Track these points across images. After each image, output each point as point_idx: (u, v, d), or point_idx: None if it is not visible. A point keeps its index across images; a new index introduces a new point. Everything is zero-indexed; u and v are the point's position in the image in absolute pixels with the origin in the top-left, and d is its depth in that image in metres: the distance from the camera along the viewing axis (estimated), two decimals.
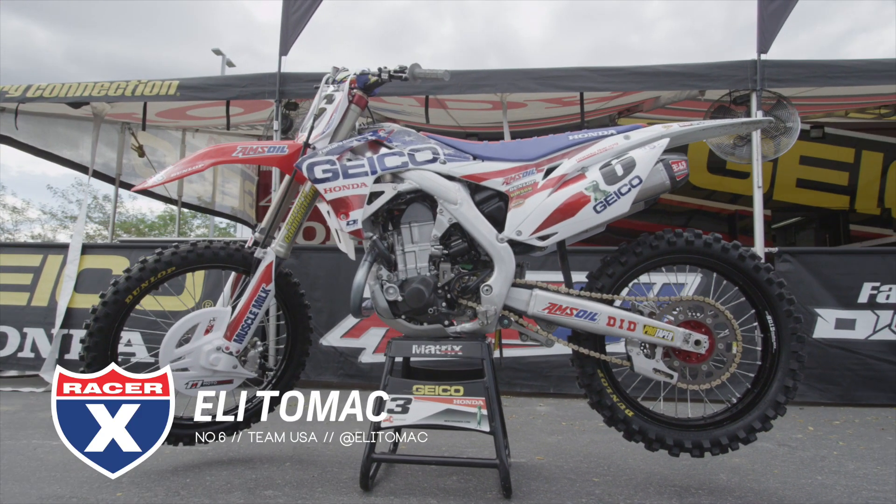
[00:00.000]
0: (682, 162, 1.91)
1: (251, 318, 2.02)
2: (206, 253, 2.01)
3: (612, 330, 1.87)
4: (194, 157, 1.96)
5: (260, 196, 9.25)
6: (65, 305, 4.16)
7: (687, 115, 5.58)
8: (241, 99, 4.30)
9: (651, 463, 2.19)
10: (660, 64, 4.02)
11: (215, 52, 16.85)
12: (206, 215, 17.34)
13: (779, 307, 1.88)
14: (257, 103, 4.89)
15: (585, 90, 4.17)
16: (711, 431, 1.89)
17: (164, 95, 4.27)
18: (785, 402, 1.86)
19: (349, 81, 2.07)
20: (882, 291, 3.70)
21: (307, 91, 4.27)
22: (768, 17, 3.91)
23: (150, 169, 6.95)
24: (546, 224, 1.89)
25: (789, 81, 3.95)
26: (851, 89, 4.16)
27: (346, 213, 1.92)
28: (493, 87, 4.15)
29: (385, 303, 1.95)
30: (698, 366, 1.87)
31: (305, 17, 4.11)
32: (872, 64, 3.84)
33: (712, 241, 1.92)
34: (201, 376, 1.99)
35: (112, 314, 1.90)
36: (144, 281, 1.93)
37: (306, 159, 1.95)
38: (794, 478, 2.04)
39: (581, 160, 1.93)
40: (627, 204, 1.85)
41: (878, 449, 2.48)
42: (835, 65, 3.88)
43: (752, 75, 3.91)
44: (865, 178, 7.43)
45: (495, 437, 1.76)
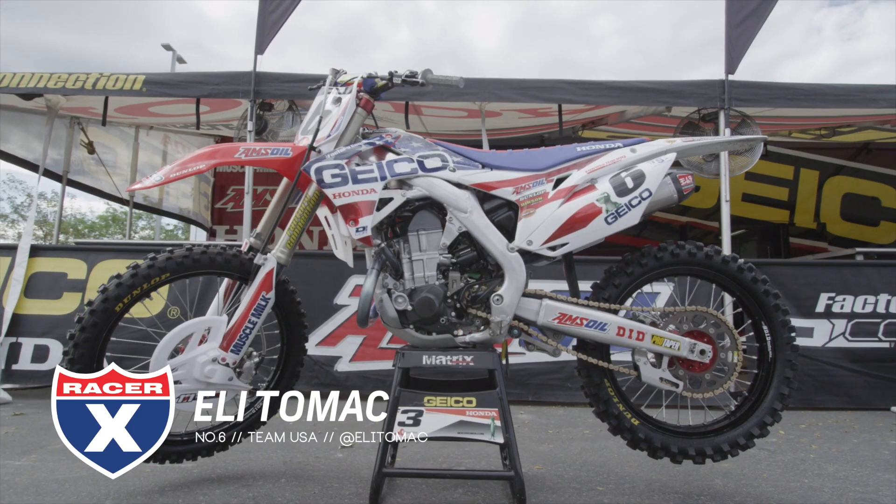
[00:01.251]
0: (689, 176, 1.96)
1: (249, 328, 1.92)
2: (202, 259, 1.90)
3: (621, 340, 1.90)
4: (195, 157, 1.85)
5: (215, 198, 8.93)
6: (11, 311, 3.85)
7: (650, 130, 5.79)
8: (213, 97, 4.14)
9: (647, 470, 2.23)
10: (635, 80, 4.15)
11: (165, 48, 16.14)
12: (151, 216, 16.57)
13: (774, 317, 1.96)
14: (224, 102, 4.72)
15: (564, 102, 4.25)
16: (713, 438, 1.94)
17: (128, 91, 4.04)
18: (781, 408, 1.94)
19: (357, 84, 2.02)
20: (837, 301, 3.94)
21: (282, 92, 4.16)
22: (735, 40, 4.12)
23: (99, 167, 6.58)
24: (557, 234, 1.90)
25: (754, 101, 4.16)
26: (807, 111, 4.43)
27: (356, 220, 1.86)
28: (475, 95, 4.16)
29: (394, 312, 1.90)
30: (702, 375, 1.92)
31: (284, 17, 4.00)
32: (828, 88, 4.11)
33: (713, 254, 1.98)
34: (194, 389, 1.88)
35: (100, 323, 1.77)
36: (136, 288, 1.80)
37: (314, 163, 1.88)
38: (784, 481, 2.12)
39: (590, 171, 1.95)
40: (638, 216, 1.88)
41: (848, 451, 2.63)
42: (795, 88, 4.13)
43: (721, 94, 4.10)
44: (803, 194, 7.93)
45: (510, 448, 1.74)
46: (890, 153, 7.24)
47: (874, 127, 5.56)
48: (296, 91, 4.12)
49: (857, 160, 7.62)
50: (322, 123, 1.97)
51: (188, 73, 4.12)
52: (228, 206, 9.11)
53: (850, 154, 7.48)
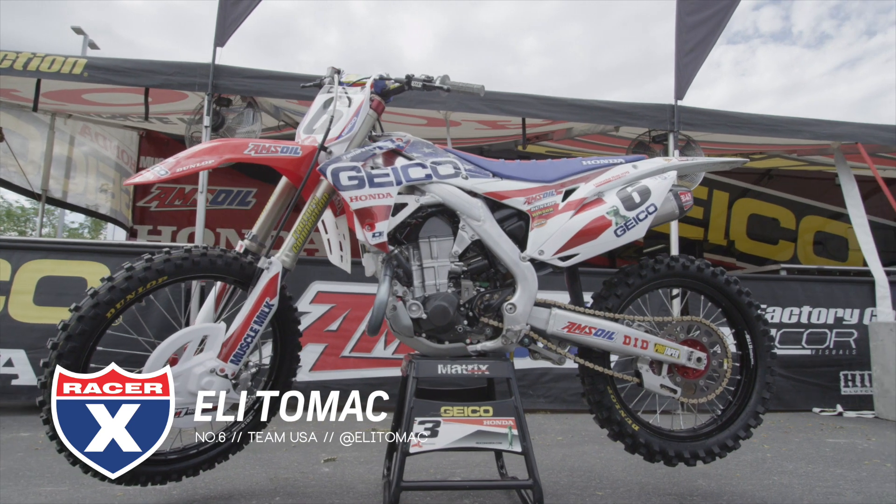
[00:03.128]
0: (689, 193, 2.08)
1: (251, 336, 1.80)
2: (202, 261, 1.75)
3: (626, 349, 1.97)
4: (201, 151, 1.71)
5: (138, 196, 8.30)
6: None
7: (593, 148, 6.08)
8: (165, 88, 3.84)
9: (633, 473, 2.32)
10: (595, 99, 4.35)
11: (75, 31, 14.77)
12: (52, 212, 15.05)
13: (756, 327, 2.12)
14: (168, 93, 4.41)
15: (528, 116, 4.36)
16: (704, 441, 2.06)
17: (66, 74, 3.67)
18: (763, 412, 2.09)
19: (369, 86, 1.97)
20: (767, 312, 4.32)
21: (243, 87, 3.95)
22: (683, 69, 4.43)
23: (8, 156, 5.91)
24: (569, 245, 1.94)
25: (698, 126, 4.49)
26: (742, 138, 4.84)
27: (372, 225, 1.80)
28: (443, 104, 4.18)
29: (409, 321, 1.86)
30: (696, 381, 2.03)
31: (249, 9, 3.81)
32: (762, 118, 4.52)
33: (703, 267, 2.11)
34: (189, 403, 1.73)
35: (89, 331, 1.58)
36: (131, 292, 1.63)
37: (330, 163, 1.81)
38: (757, 479, 2.29)
39: (598, 185, 2.02)
40: (644, 229, 1.97)
41: (796, 450, 2.88)
42: (734, 116, 4.50)
43: (671, 118, 4.39)
44: (715, 213, 8.63)
45: (527, 456, 1.75)
46: (787, 179, 8.10)
47: (781, 155, 6.17)
48: (258, 87, 3.93)
49: (760, 184, 8.44)
50: (333, 123, 1.90)
51: (137, 60, 3.79)
52: (153, 205, 8.49)
53: (755, 178, 8.27)
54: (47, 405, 1.55)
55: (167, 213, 8.40)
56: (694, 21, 4.43)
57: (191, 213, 8.10)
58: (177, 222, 8.32)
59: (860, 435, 3.36)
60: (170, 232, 8.20)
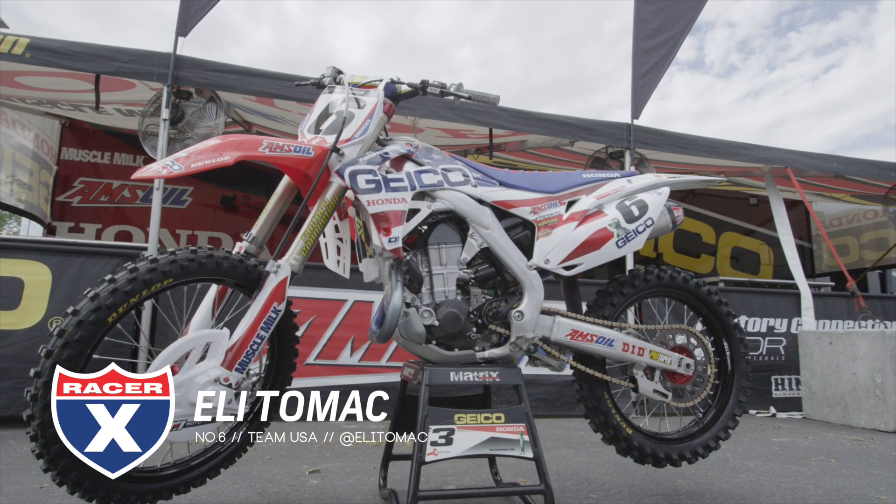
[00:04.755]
0: (680, 209, 2.21)
1: (257, 343, 1.71)
2: (208, 263, 1.65)
3: (624, 355, 2.05)
4: (217, 147, 1.61)
5: (57, 190, 7.63)
6: None
7: (546, 162, 6.27)
8: (119, 76, 3.58)
9: (619, 475, 2.41)
10: (559, 114, 4.50)
11: None
12: None
13: (734, 335, 2.27)
14: (117, 82, 4.11)
15: (495, 126, 4.45)
16: (688, 443, 2.17)
17: (4, 54, 3.33)
18: (740, 414, 2.24)
19: (382, 88, 1.94)
20: None
21: (206, 80, 3.77)
22: (639, 90, 4.68)
23: None
24: (573, 255, 2.00)
25: (651, 145, 4.76)
26: (689, 158, 5.17)
27: (388, 230, 1.78)
28: (413, 111, 4.17)
29: (422, 327, 1.84)
30: (684, 386, 2.15)
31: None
32: (707, 141, 4.86)
33: (688, 278, 2.24)
34: (189, 415, 1.62)
35: (88, 337, 1.44)
36: (135, 295, 1.50)
37: (348, 165, 1.76)
38: (728, 477, 2.45)
39: (599, 198, 2.10)
40: (643, 241, 2.06)
41: (749, 448, 3.10)
42: (683, 137, 4.82)
43: (627, 136, 4.62)
44: None
45: (539, 462, 1.78)
46: (708, 198, 8.77)
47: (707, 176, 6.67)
48: (221, 82, 3.75)
49: (685, 201, 9.07)
50: (346, 124, 1.85)
51: (87, 43, 3.49)
52: (74, 200, 7.82)
53: (680, 196, 8.88)
54: (36, 420, 1.40)
55: (91, 209, 7.75)
56: (649, 46, 4.71)
57: (117, 210, 7.55)
58: (102, 220, 7.70)
59: (797, 434, 3.68)
60: (94, 230, 7.58)
